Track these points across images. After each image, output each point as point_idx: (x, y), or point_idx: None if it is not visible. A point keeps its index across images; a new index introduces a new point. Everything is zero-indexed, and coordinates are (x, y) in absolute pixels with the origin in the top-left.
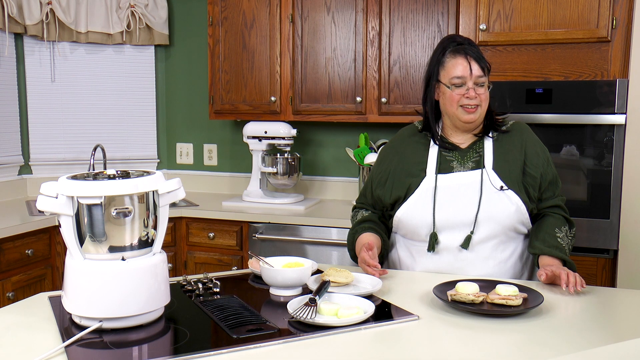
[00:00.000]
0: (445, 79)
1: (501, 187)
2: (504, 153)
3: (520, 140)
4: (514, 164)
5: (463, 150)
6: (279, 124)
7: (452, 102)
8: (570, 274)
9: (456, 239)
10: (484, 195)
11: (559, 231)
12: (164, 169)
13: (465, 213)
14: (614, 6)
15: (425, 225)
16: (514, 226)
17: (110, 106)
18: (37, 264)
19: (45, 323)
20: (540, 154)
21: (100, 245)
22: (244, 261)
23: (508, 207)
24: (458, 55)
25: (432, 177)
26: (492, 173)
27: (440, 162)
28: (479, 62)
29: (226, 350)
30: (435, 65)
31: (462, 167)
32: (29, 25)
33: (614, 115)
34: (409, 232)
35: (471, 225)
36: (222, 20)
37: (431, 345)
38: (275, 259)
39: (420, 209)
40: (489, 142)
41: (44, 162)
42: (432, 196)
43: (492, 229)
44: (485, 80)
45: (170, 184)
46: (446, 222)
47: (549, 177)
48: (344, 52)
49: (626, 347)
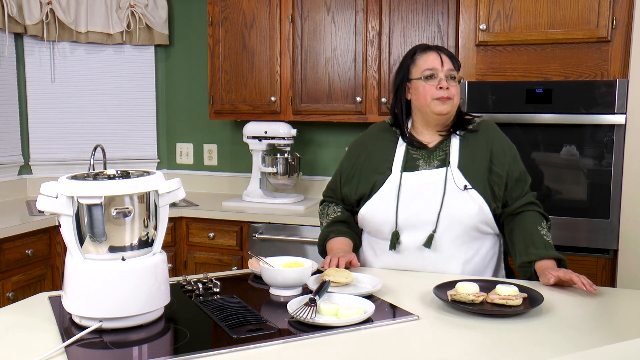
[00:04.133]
0: (417, 73)
1: (465, 187)
2: (470, 152)
3: (486, 138)
4: (480, 163)
5: (430, 149)
6: (279, 124)
7: (426, 96)
8: (581, 277)
9: (418, 238)
10: (447, 194)
11: (542, 228)
12: (164, 169)
13: (428, 212)
14: (614, 6)
15: (387, 223)
16: (477, 226)
17: (110, 106)
18: (37, 264)
19: (45, 323)
20: (506, 152)
21: (100, 245)
22: (244, 261)
23: (470, 207)
24: (429, 51)
25: (397, 174)
26: (456, 172)
27: (406, 159)
28: (449, 57)
29: (226, 350)
30: (406, 67)
31: (428, 165)
32: (29, 25)
33: (614, 115)
34: (373, 230)
35: (433, 224)
36: (222, 20)
37: (431, 345)
38: (275, 259)
39: (384, 207)
40: (455, 141)
41: (44, 162)
42: (395, 194)
43: (455, 228)
44: (456, 74)
45: (170, 184)
46: (409, 220)
47: (515, 174)
48: (344, 52)
49: (626, 347)
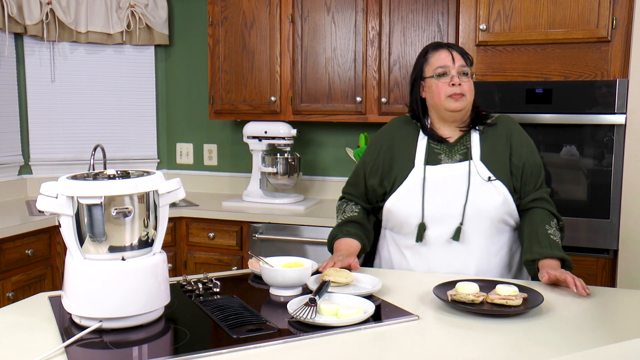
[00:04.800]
0: (430, 72)
1: (489, 178)
2: (491, 144)
3: (506, 130)
4: (501, 155)
5: (451, 143)
6: (279, 124)
7: (439, 93)
8: (575, 278)
9: (445, 231)
10: (472, 186)
11: (549, 227)
12: (164, 169)
13: (454, 205)
14: (614, 6)
15: (414, 216)
16: (502, 217)
17: (110, 106)
18: (37, 264)
19: (45, 323)
20: (524, 144)
21: (100, 245)
22: (244, 261)
23: (496, 198)
24: (440, 49)
25: (420, 168)
26: (479, 164)
27: (428, 153)
28: (461, 54)
29: (226, 350)
30: (419, 66)
31: (450, 159)
32: (29, 25)
33: (614, 115)
34: (398, 223)
35: (460, 217)
36: (222, 20)
37: (431, 345)
38: (275, 259)
39: (409, 200)
40: (475, 135)
41: (44, 162)
42: (420, 187)
43: (481, 220)
44: (468, 70)
45: (170, 184)
46: (435, 214)
47: (532, 167)
48: (344, 52)
49: (626, 347)
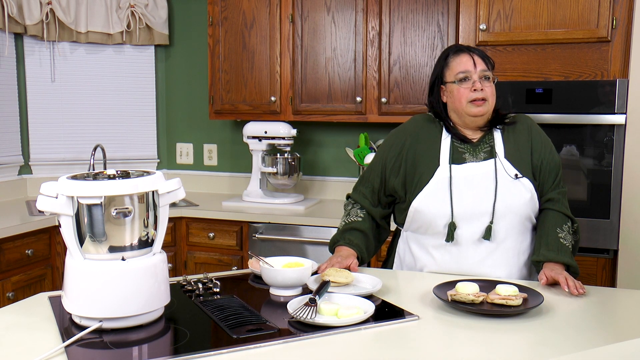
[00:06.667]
0: (451, 77)
1: (516, 175)
2: (514, 142)
3: (526, 128)
4: (524, 152)
5: (474, 143)
6: (279, 124)
7: (461, 99)
8: (568, 278)
9: (475, 230)
10: (500, 184)
11: (561, 230)
12: (164, 169)
13: (482, 203)
14: (614, 6)
15: (443, 216)
16: (529, 215)
17: (110, 106)
18: (37, 264)
19: (45, 323)
20: (544, 142)
21: (100, 245)
22: (244, 261)
23: (523, 195)
24: (461, 54)
25: (445, 166)
26: (505, 162)
27: (452, 152)
28: (482, 58)
29: (226, 350)
30: (439, 70)
31: (475, 158)
32: (29, 25)
33: (614, 115)
34: (425, 223)
35: (489, 215)
36: (222, 20)
37: (431, 345)
38: (275, 259)
39: (437, 199)
40: (497, 134)
41: (44, 162)
42: (447, 186)
43: (510, 218)
44: (490, 75)
45: (170, 184)
46: (464, 213)
47: (550, 164)
48: (344, 52)
49: (626, 347)
